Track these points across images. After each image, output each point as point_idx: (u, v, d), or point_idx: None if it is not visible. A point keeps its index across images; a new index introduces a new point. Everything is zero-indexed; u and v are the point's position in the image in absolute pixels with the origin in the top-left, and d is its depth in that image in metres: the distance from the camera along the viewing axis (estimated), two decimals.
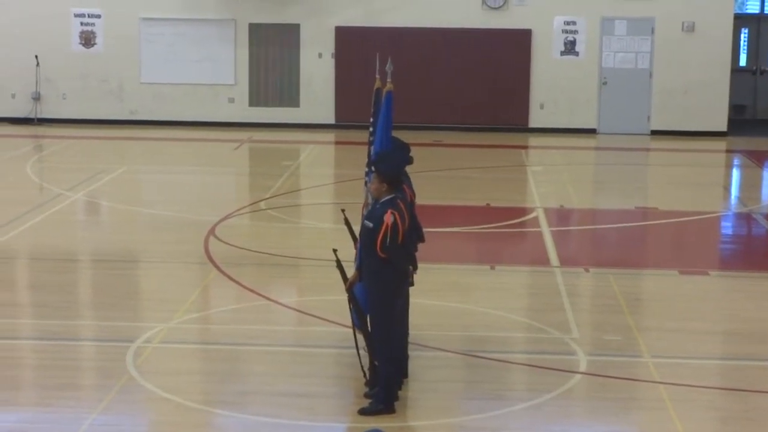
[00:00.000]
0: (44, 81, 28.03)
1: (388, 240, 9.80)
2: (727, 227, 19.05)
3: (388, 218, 9.81)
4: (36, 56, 27.80)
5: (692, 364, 11.57)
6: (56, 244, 16.22)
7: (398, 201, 9.99)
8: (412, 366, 10.88)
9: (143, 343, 11.80)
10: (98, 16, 28.01)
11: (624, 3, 27.42)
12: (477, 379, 11.04)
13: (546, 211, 18.73)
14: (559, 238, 17.02)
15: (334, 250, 10.36)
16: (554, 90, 27.63)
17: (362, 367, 10.38)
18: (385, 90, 10.93)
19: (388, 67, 10.96)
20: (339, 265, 10.37)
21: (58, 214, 18.01)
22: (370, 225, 9.94)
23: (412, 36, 27.32)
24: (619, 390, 10.87)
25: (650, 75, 27.49)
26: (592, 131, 27.70)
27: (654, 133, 27.57)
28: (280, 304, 13.35)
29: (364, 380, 10.37)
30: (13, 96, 28.21)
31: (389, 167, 10.12)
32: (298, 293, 14.19)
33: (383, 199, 10.00)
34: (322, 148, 26.06)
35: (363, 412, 10.00)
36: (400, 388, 10.33)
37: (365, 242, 10.03)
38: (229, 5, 27.71)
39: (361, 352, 10.41)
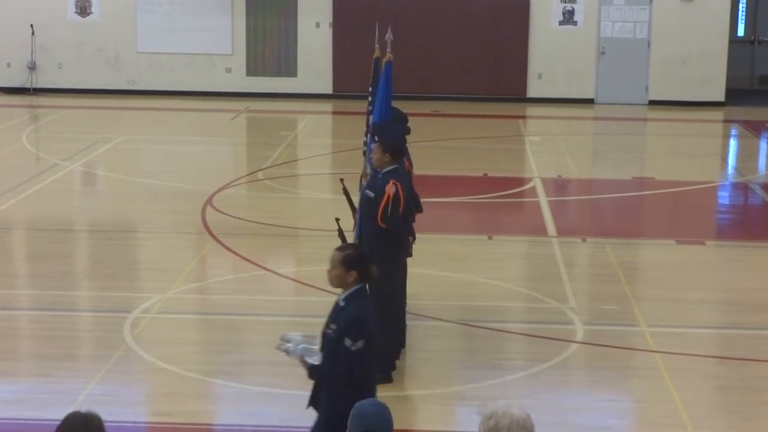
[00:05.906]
0: (40, 50, 27.91)
1: (389, 210, 9.79)
2: (724, 197, 19.05)
3: (390, 189, 9.79)
4: (31, 25, 27.66)
5: (688, 333, 11.61)
6: (53, 214, 16.20)
7: (400, 171, 9.97)
8: (410, 336, 10.90)
9: (141, 314, 11.81)
10: None
11: None
12: (474, 349, 11.07)
13: (543, 181, 18.72)
14: (557, 208, 17.02)
15: (337, 219, 10.32)
16: (552, 60, 27.53)
17: None
18: (384, 60, 10.89)
19: (388, 37, 10.92)
20: (341, 234, 10.36)
21: (55, 184, 17.98)
22: (371, 195, 9.91)
23: (410, 5, 27.22)
24: (616, 359, 10.90)
25: (648, 45, 27.41)
26: (589, 101, 27.63)
27: (652, 103, 27.51)
28: (278, 274, 13.35)
29: None
30: (9, 65, 28.10)
31: (393, 138, 10.10)
32: (295, 263, 14.20)
33: (385, 170, 9.98)
34: (319, 118, 26.01)
35: None
36: (398, 358, 10.35)
37: (366, 212, 10.01)
38: None
39: None
